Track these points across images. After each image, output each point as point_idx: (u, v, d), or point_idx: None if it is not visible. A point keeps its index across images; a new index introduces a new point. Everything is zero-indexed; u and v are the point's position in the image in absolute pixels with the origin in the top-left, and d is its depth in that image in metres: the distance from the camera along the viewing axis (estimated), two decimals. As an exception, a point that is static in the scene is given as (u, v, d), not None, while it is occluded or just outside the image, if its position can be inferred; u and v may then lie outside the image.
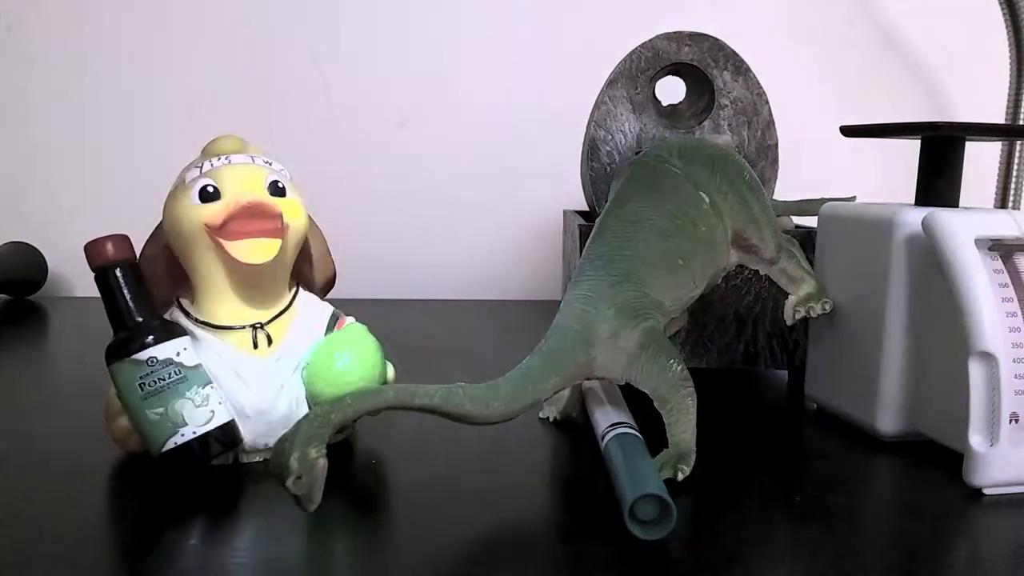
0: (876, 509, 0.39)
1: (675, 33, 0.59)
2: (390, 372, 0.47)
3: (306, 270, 0.47)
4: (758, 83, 0.60)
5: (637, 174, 0.46)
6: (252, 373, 0.42)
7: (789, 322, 0.51)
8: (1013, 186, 0.88)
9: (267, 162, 0.43)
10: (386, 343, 0.46)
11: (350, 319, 0.46)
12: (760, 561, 0.33)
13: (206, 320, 0.42)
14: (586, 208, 0.77)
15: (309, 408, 0.42)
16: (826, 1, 0.94)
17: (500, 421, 0.38)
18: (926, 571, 0.33)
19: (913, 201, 0.50)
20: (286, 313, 0.44)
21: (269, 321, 0.43)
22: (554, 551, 0.34)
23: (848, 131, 0.52)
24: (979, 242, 0.42)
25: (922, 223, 0.43)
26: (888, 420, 0.46)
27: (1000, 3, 0.84)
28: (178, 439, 0.39)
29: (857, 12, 0.95)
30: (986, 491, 0.40)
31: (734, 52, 0.59)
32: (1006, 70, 0.88)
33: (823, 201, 0.57)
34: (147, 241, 0.44)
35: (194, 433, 0.39)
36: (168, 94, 0.90)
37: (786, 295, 0.51)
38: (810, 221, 0.64)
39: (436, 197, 0.93)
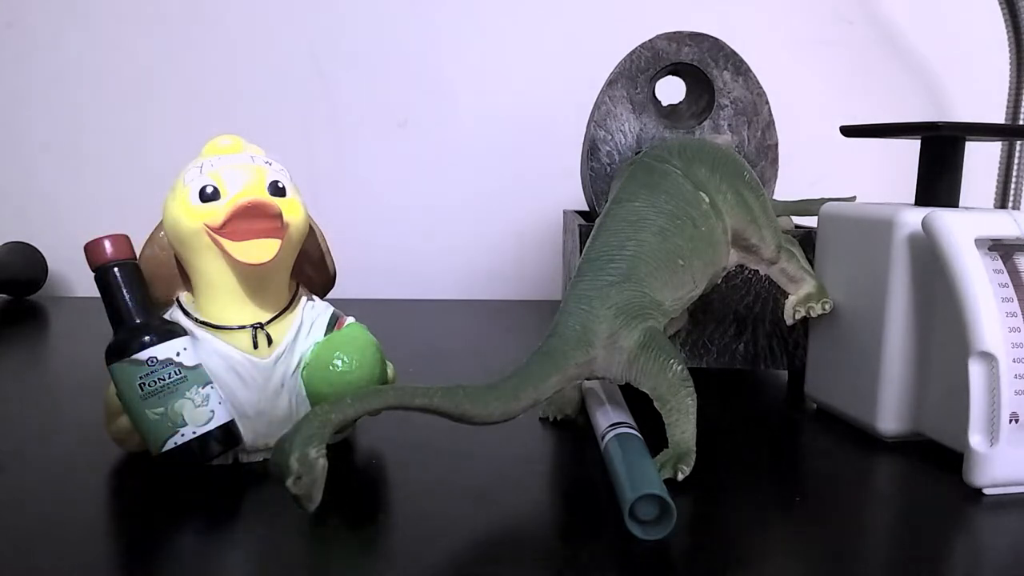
0: (876, 509, 0.39)
1: (675, 33, 0.59)
2: (390, 372, 0.47)
3: (306, 270, 0.47)
4: (758, 83, 0.60)
5: (637, 174, 0.46)
6: (252, 373, 0.42)
7: (789, 322, 0.51)
8: (1013, 186, 0.88)
9: (267, 162, 0.43)
10: (386, 343, 0.46)
11: (350, 319, 0.46)
12: (760, 561, 0.33)
13: (206, 320, 0.42)
14: (586, 208, 0.77)
15: (309, 408, 0.42)
16: (826, 1, 0.94)
17: (500, 421, 0.38)
18: (926, 571, 0.33)
19: (913, 201, 0.50)
20: (286, 313, 0.44)
21: (269, 321, 0.43)
22: (554, 551, 0.34)
23: (848, 131, 0.52)
24: (979, 242, 0.42)
25: (922, 223, 0.43)
26: (888, 420, 0.46)
27: (1000, 3, 0.84)
28: (178, 439, 0.39)
29: (857, 12, 0.95)
30: (986, 491, 0.40)
31: (734, 52, 0.59)
32: (1006, 70, 0.88)
33: (823, 201, 0.57)
34: (147, 241, 0.44)
35: (194, 433, 0.39)
36: (168, 94, 0.90)
37: (786, 295, 0.51)
38: (810, 221, 0.64)
39: (436, 197, 0.93)
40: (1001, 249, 0.43)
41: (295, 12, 0.90)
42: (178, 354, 0.40)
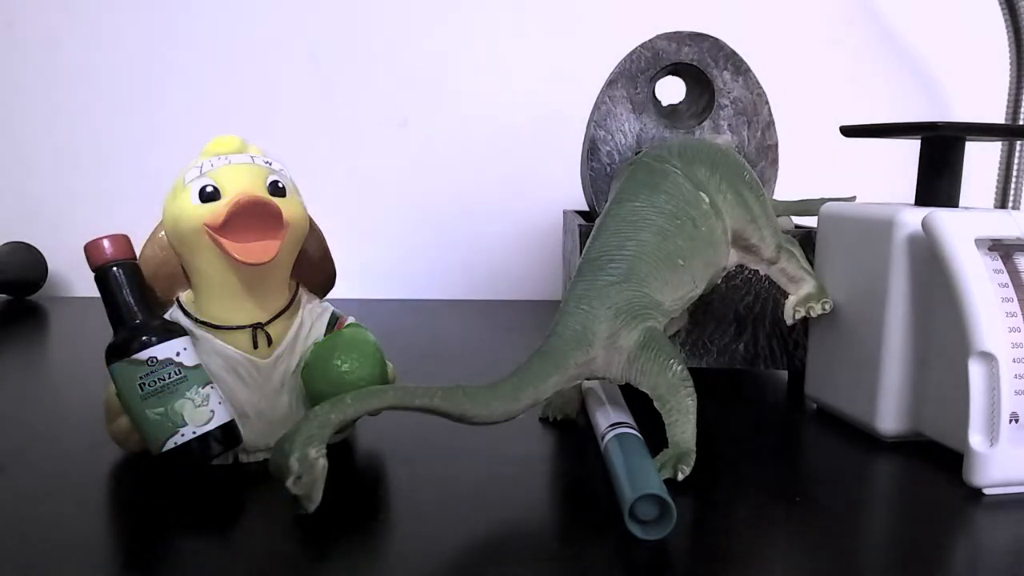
0: (876, 509, 0.39)
1: (675, 33, 0.59)
2: (390, 372, 0.47)
3: (306, 270, 0.47)
4: (758, 83, 0.60)
5: (637, 174, 0.46)
6: (252, 373, 0.42)
7: (789, 322, 0.51)
8: (1013, 186, 0.88)
9: (267, 162, 0.43)
10: (386, 343, 0.46)
11: (350, 319, 0.46)
12: (760, 561, 0.33)
13: (206, 320, 0.42)
14: (586, 208, 0.77)
15: (309, 408, 0.42)
16: (826, 1, 0.94)
17: (500, 421, 0.38)
18: (926, 571, 0.33)
19: (913, 201, 0.50)
20: (286, 313, 0.44)
21: (269, 321, 0.43)
22: (554, 551, 0.34)
23: (848, 131, 0.52)
24: (979, 242, 0.42)
25: (922, 223, 0.43)
26: (888, 420, 0.46)
27: (1000, 3, 0.84)
28: (178, 439, 0.39)
29: (857, 12, 0.95)
30: (986, 491, 0.40)
31: (734, 52, 0.59)
32: (1006, 70, 0.88)
33: (823, 201, 0.57)
34: (147, 241, 0.44)
35: (194, 433, 0.39)
36: (168, 94, 0.90)
37: (786, 295, 0.51)
38: (810, 221, 0.64)
39: (436, 197, 0.93)
40: (1001, 249, 0.43)
41: (295, 12, 0.90)
42: (178, 354, 0.40)
